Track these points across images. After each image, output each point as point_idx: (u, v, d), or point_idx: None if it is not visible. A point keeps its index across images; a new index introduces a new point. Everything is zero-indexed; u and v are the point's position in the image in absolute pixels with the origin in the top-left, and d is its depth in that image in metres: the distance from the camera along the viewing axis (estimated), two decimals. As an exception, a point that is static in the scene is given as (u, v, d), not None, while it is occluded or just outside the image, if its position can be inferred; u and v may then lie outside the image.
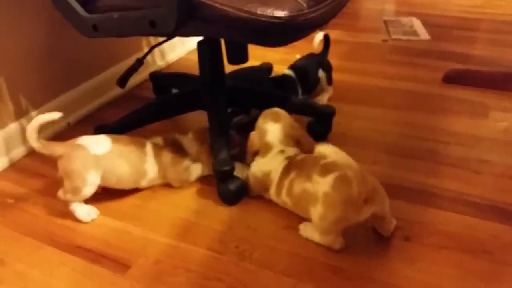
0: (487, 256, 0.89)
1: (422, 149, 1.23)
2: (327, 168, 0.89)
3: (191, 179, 1.13)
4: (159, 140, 1.11)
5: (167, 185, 1.12)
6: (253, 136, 1.07)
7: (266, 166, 1.02)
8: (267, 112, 1.08)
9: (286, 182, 0.97)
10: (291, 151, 1.03)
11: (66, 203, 1.02)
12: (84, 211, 1.02)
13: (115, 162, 1.02)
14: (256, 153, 1.06)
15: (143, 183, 1.09)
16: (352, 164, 0.85)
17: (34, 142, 0.97)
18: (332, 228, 0.89)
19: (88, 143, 1.01)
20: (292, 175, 0.96)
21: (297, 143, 1.06)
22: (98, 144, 1.02)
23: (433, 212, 1.00)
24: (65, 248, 0.95)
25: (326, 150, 0.90)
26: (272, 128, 1.05)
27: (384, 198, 0.89)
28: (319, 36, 1.46)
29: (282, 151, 1.02)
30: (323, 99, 1.48)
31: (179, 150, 1.11)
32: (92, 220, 1.02)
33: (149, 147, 1.08)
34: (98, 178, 1.00)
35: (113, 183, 1.05)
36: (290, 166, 0.98)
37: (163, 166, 1.09)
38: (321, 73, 1.46)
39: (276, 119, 1.06)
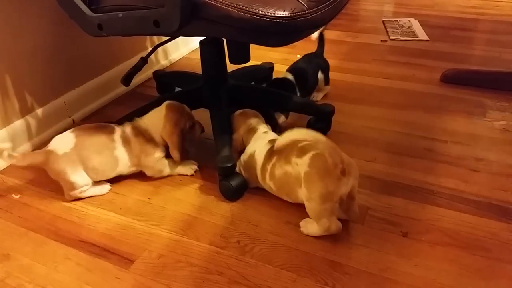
0: (484, 253, 0.90)
1: (420, 147, 1.25)
2: (303, 149, 0.92)
3: (166, 171, 1.14)
4: (128, 127, 1.11)
5: (170, 181, 1.14)
6: (236, 136, 1.12)
7: (252, 147, 1.07)
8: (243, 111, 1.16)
9: (269, 167, 1.00)
10: (273, 135, 1.08)
11: (78, 198, 1.07)
12: (97, 190, 1.09)
13: (82, 156, 1.05)
14: (241, 152, 1.11)
15: (122, 170, 1.11)
16: (321, 138, 0.89)
17: (8, 159, 1.02)
18: (322, 209, 0.90)
19: (54, 146, 1.04)
20: (274, 159, 0.99)
21: None
22: (63, 144, 1.05)
23: (430, 209, 1.02)
24: (70, 243, 0.97)
25: (292, 133, 0.96)
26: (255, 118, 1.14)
27: (358, 174, 0.92)
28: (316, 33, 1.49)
29: (266, 132, 1.09)
30: (318, 96, 1.51)
31: (148, 138, 1.10)
32: (97, 218, 1.04)
33: (117, 135, 1.09)
34: (78, 169, 1.04)
35: (94, 176, 1.08)
36: (273, 152, 1.00)
37: (133, 153, 1.10)
38: (320, 75, 1.48)
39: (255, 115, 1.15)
